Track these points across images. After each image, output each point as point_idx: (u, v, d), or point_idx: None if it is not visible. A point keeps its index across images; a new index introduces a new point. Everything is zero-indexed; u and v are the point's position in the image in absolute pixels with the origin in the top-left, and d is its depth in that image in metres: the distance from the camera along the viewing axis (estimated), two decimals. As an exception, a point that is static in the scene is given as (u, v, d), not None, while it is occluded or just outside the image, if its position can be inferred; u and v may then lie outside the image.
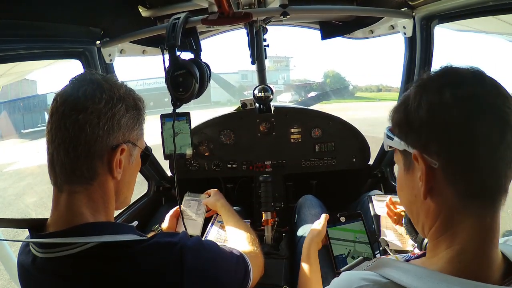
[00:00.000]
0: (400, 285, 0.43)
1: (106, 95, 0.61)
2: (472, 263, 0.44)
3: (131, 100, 0.66)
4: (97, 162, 0.60)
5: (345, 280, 0.49)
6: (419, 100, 0.48)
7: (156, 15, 1.28)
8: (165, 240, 0.62)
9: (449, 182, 0.45)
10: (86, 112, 0.58)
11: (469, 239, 0.45)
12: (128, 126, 0.64)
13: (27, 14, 0.94)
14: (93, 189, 0.61)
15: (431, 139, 0.46)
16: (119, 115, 0.62)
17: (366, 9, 1.30)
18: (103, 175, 0.62)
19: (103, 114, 0.59)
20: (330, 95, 24.54)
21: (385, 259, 0.54)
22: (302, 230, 1.34)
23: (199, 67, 0.90)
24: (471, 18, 1.16)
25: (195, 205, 1.43)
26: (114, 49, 1.38)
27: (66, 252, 0.55)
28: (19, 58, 1.10)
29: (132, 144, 0.66)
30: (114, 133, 0.61)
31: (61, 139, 0.58)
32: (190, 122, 1.03)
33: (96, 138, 0.59)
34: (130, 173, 0.69)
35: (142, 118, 0.70)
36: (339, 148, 1.81)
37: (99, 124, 0.59)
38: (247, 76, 29.36)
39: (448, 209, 0.47)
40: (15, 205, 5.23)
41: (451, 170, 0.45)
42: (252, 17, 1.05)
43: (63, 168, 0.59)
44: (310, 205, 1.49)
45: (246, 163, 1.84)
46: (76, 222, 0.58)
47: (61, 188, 0.60)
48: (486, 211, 0.45)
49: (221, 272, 0.69)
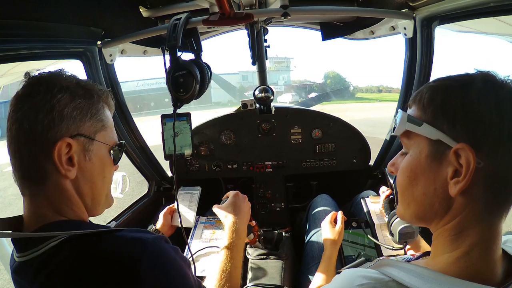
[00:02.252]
0: (402, 284, 0.43)
1: (43, 87, 0.56)
2: (476, 265, 0.44)
3: (79, 89, 0.59)
4: (43, 161, 0.55)
5: (347, 278, 0.49)
6: (488, 91, 0.44)
7: (157, 16, 1.28)
8: (132, 234, 0.57)
9: (486, 186, 0.44)
10: (23, 108, 0.54)
11: (478, 242, 0.45)
12: (74, 117, 0.57)
13: (27, 14, 0.94)
14: (49, 191, 0.57)
15: (488, 138, 0.43)
16: (60, 105, 0.56)
17: (367, 10, 1.30)
18: (54, 174, 0.56)
19: (41, 107, 0.54)
20: (331, 96, 24.52)
21: (387, 259, 0.54)
22: (315, 229, 1.35)
23: (200, 67, 0.90)
24: (472, 19, 1.16)
25: (188, 198, 1.47)
26: (115, 50, 1.38)
27: (36, 253, 0.54)
28: (19, 58, 1.10)
29: (85, 138, 0.59)
30: (55, 127, 0.55)
31: (9, 141, 0.56)
32: (190, 122, 1.03)
33: (35, 134, 0.54)
34: (90, 171, 0.61)
35: (98, 110, 0.62)
36: (340, 149, 1.81)
37: (36, 119, 0.54)
38: (248, 77, 29.36)
39: (472, 211, 0.45)
40: (15, 205, 5.23)
41: (496, 176, 0.44)
42: (253, 17, 1.05)
43: (17, 172, 0.57)
44: (325, 204, 1.50)
45: (247, 163, 1.84)
46: (41, 222, 0.57)
47: (23, 193, 0.58)
48: (498, 219, 0.45)
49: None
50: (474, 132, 0.44)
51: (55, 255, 0.53)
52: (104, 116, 0.64)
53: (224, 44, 66.69)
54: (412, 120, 0.50)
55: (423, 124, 0.48)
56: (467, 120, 0.44)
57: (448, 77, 0.50)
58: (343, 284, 0.48)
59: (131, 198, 1.75)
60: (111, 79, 1.44)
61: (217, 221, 1.46)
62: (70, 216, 0.59)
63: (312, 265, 1.18)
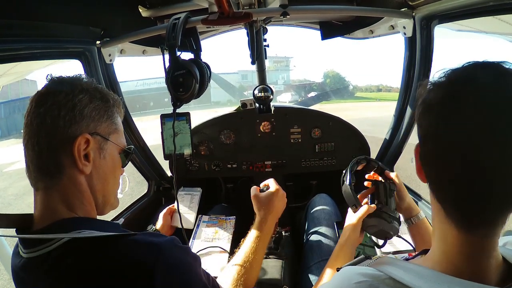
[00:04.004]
0: (400, 282, 0.43)
1: (67, 87, 0.61)
2: (470, 270, 0.43)
3: (97, 93, 0.65)
4: (61, 155, 0.59)
5: (345, 275, 0.49)
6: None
7: (156, 15, 1.28)
8: (146, 238, 0.58)
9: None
10: (46, 104, 0.58)
11: (458, 251, 0.45)
12: (93, 117, 0.62)
13: (27, 14, 0.94)
14: (64, 184, 0.60)
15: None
16: (81, 105, 0.61)
17: (366, 9, 1.30)
18: (70, 168, 0.60)
19: (63, 104, 0.59)
20: (330, 95, 24.53)
21: (386, 257, 0.54)
22: (314, 228, 1.35)
23: (199, 67, 0.90)
24: (471, 18, 1.16)
25: (188, 199, 1.47)
26: (114, 49, 1.38)
27: (45, 249, 0.55)
28: (19, 58, 1.10)
29: (101, 137, 0.64)
30: (76, 124, 0.60)
31: (28, 135, 0.59)
32: (190, 122, 1.03)
33: (57, 129, 0.58)
34: (103, 169, 0.65)
35: (113, 113, 0.67)
36: (339, 148, 1.81)
37: (59, 115, 0.58)
38: (247, 76, 29.34)
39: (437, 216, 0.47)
40: (15, 205, 5.23)
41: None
42: (252, 17, 1.05)
43: (33, 165, 0.59)
44: (324, 204, 1.50)
45: (246, 163, 1.84)
46: (53, 219, 0.58)
47: (37, 186, 0.60)
48: (473, 230, 0.45)
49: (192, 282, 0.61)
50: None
51: (68, 251, 0.55)
52: (117, 120, 0.69)
53: (224, 44, 66.68)
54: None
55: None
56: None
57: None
58: (342, 282, 0.48)
59: (131, 198, 1.75)
60: (110, 79, 1.44)
61: (219, 221, 1.46)
62: (81, 213, 0.62)
63: (312, 264, 1.18)
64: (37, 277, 0.56)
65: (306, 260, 1.23)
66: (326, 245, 1.25)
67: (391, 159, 1.73)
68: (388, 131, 1.74)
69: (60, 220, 0.58)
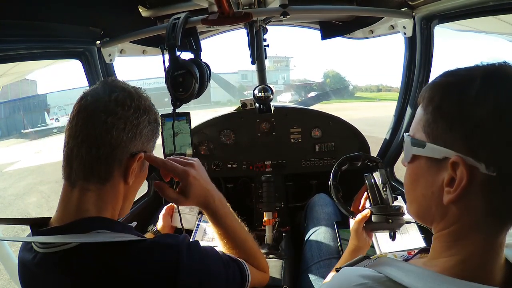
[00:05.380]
0: (400, 284, 0.43)
1: (135, 104, 0.64)
2: (472, 273, 0.43)
3: (153, 114, 0.70)
4: (115, 166, 0.62)
5: (344, 277, 0.49)
6: (487, 90, 0.40)
7: (156, 15, 1.28)
8: (164, 241, 0.62)
9: (485, 196, 0.41)
10: (115, 116, 0.61)
11: (474, 253, 0.43)
12: (148, 137, 0.68)
13: (27, 14, 0.93)
14: (105, 190, 0.63)
15: (487, 145, 0.40)
16: (143, 125, 0.66)
17: (366, 9, 1.30)
18: (117, 178, 0.64)
19: (130, 121, 0.63)
20: (330, 95, 24.47)
21: (385, 258, 0.54)
22: (313, 228, 1.35)
23: (199, 67, 0.90)
24: (471, 18, 1.16)
25: None
26: (114, 49, 1.38)
27: (64, 246, 0.55)
28: (19, 58, 1.10)
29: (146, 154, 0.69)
30: (135, 141, 0.64)
31: (86, 136, 0.60)
32: (190, 122, 1.02)
33: (120, 142, 0.61)
34: (138, 180, 0.71)
35: (158, 133, 0.74)
36: (339, 148, 1.81)
37: (124, 130, 0.62)
38: (247, 76, 29.33)
39: (469, 221, 0.43)
40: (15, 205, 5.23)
41: (495, 186, 0.40)
42: (252, 17, 1.05)
43: (82, 165, 0.60)
44: (323, 204, 1.49)
45: (246, 163, 1.84)
46: (78, 217, 0.59)
47: (75, 184, 0.61)
48: (502, 230, 0.43)
49: (216, 275, 0.67)
50: (470, 138, 0.40)
51: (88, 251, 0.56)
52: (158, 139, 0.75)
53: (224, 44, 66.59)
54: (416, 144, 0.48)
55: (426, 146, 0.46)
56: (463, 124, 0.41)
57: (451, 72, 0.47)
58: (341, 284, 0.48)
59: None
60: (111, 79, 1.44)
61: None
62: (107, 215, 0.64)
63: (311, 264, 1.18)
64: (53, 274, 0.57)
65: (306, 260, 1.23)
66: (326, 245, 1.25)
67: (391, 159, 1.73)
68: (388, 131, 1.74)
69: (86, 218, 0.59)
